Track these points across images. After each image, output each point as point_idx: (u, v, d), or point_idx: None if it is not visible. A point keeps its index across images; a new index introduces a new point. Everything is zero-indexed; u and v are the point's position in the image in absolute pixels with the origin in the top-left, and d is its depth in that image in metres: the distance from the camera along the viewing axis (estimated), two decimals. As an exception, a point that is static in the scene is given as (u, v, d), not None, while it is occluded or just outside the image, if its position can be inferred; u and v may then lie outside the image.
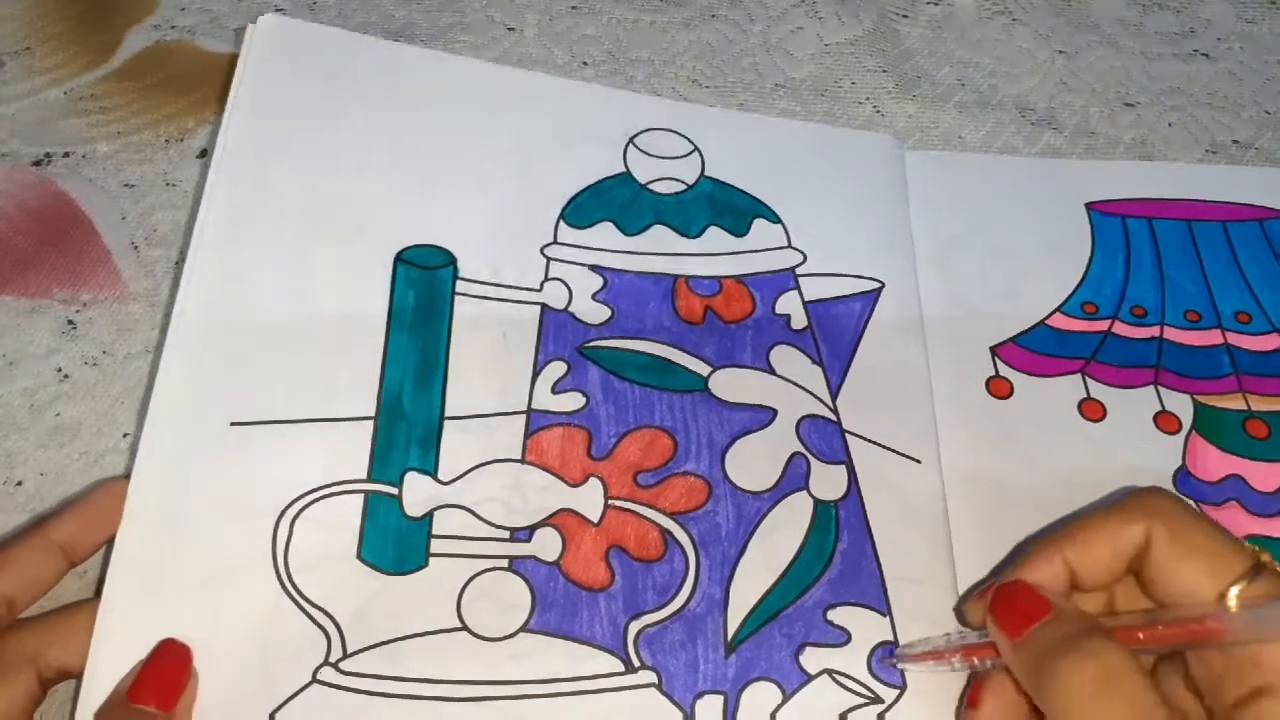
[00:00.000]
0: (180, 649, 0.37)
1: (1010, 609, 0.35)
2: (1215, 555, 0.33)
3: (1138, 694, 0.30)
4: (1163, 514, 0.34)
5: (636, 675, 0.39)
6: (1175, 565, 0.33)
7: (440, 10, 0.60)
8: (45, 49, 0.57)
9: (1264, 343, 0.50)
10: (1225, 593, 0.32)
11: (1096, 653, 0.31)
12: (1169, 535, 0.33)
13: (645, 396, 0.45)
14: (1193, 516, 0.34)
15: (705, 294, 0.48)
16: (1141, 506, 0.35)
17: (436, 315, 0.45)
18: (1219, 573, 0.32)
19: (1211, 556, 0.33)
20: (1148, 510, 0.34)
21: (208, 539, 0.39)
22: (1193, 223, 0.54)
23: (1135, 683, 0.31)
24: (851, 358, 0.47)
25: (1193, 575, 0.33)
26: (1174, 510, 0.34)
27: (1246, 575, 0.32)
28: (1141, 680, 0.31)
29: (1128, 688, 0.31)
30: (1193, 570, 0.33)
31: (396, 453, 0.42)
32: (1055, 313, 0.51)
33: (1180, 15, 0.65)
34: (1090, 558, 0.35)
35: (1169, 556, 0.33)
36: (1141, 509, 0.35)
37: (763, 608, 0.41)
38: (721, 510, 0.43)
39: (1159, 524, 0.34)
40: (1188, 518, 0.34)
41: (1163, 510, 0.34)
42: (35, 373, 0.46)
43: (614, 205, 0.50)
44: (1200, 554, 0.33)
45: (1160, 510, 0.34)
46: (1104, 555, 0.35)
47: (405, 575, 0.40)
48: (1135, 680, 0.31)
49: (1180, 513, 0.34)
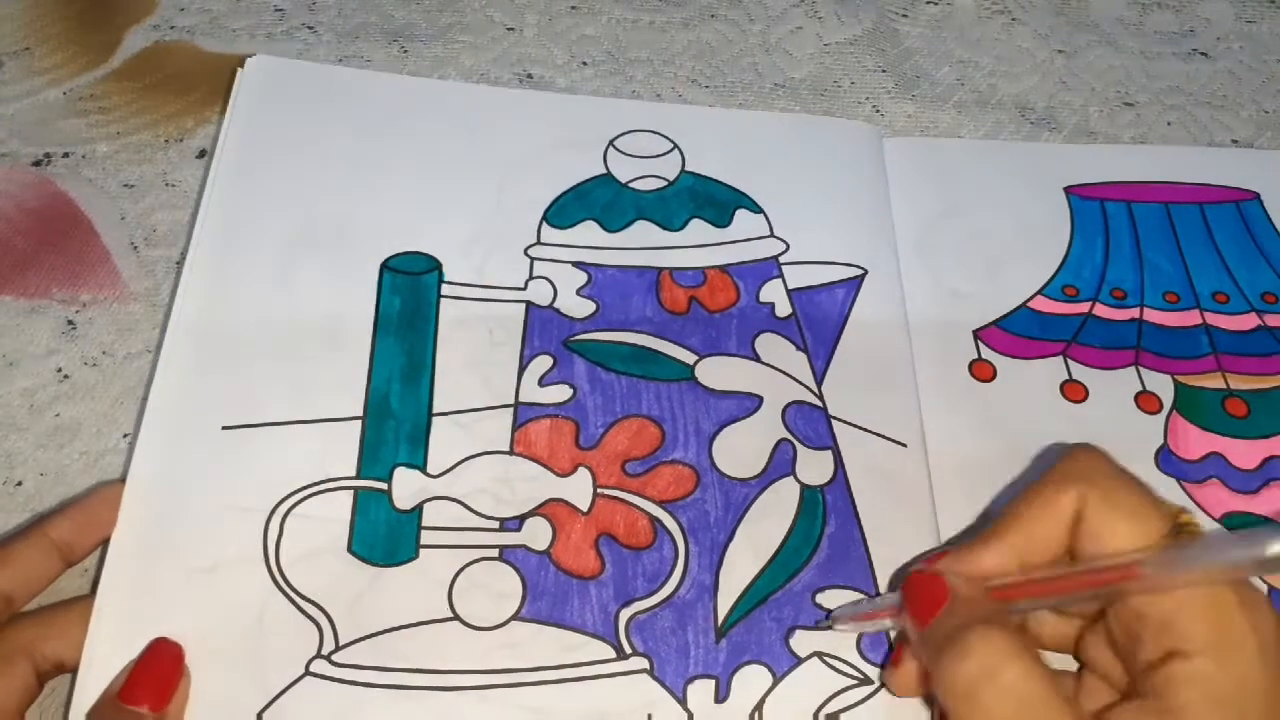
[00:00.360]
0: (171, 648, 0.37)
1: (917, 597, 0.35)
2: (1140, 515, 0.33)
3: (1018, 684, 0.30)
4: (1092, 477, 0.34)
5: (628, 661, 0.39)
6: (1104, 526, 0.33)
7: (440, 10, 0.60)
8: (45, 49, 0.57)
9: (1241, 322, 0.50)
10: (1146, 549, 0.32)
11: (973, 649, 0.31)
12: (1099, 497, 0.33)
13: (632, 386, 0.46)
14: (1119, 475, 0.34)
15: (689, 285, 0.48)
16: (1072, 472, 0.34)
17: (422, 319, 0.46)
18: (1142, 531, 0.32)
19: (1137, 516, 0.33)
20: (1078, 474, 0.34)
21: (200, 536, 0.40)
22: (1170, 205, 0.54)
23: (1016, 672, 0.30)
24: (835, 344, 0.48)
25: (1119, 535, 0.33)
26: (1103, 471, 0.34)
27: (1168, 535, 0.32)
28: (1023, 668, 0.30)
29: (1007, 679, 0.30)
30: (1120, 531, 0.33)
31: (385, 450, 0.42)
32: (1036, 296, 0.51)
33: (1179, 15, 0.65)
34: (1033, 534, 0.35)
35: (1098, 518, 0.33)
36: (1072, 474, 0.34)
37: (752, 592, 0.41)
38: (710, 497, 0.43)
39: (1089, 486, 0.34)
40: (1116, 478, 0.34)
41: (1092, 472, 0.34)
42: (35, 373, 0.46)
43: (596, 205, 0.50)
44: (1127, 514, 0.33)
45: (1089, 472, 0.34)
46: (1046, 527, 0.34)
47: (396, 567, 0.40)
48: (1016, 669, 0.30)
49: (1109, 473, 0.34)
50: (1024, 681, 0.30)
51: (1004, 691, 0.30)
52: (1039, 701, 0.30)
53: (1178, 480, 0.46)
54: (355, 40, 0.58)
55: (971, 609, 0.33)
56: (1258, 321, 0.50)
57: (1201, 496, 0.45)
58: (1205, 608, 0.31)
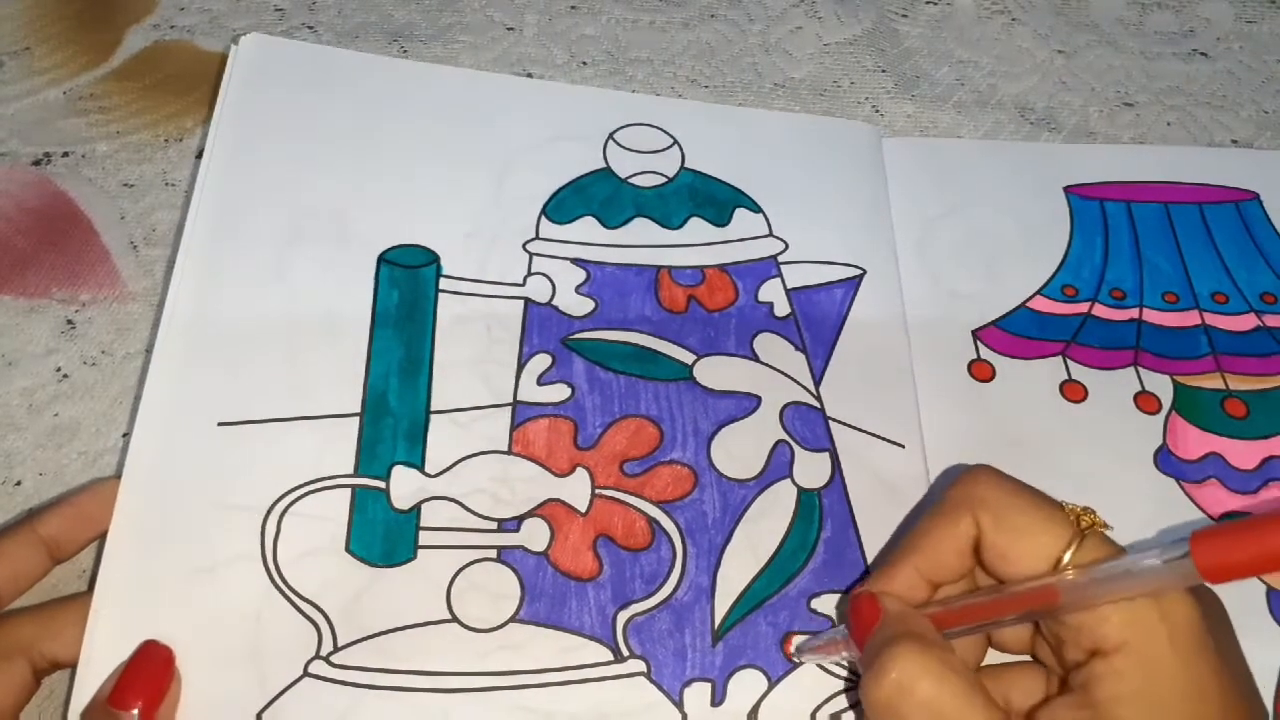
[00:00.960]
0: (161, 651, 0.37)
1: (856, 619, 0.36)
2: (1039, 531, 0.33)
3: (933, 698, 0.31)
4: (983, 501, 0.34)
5: (625, 664, 0.39)
6: (1005, 550, 0.34)
7: (440, 10, 0.60)
8: (45, 49, 0.57)
9: (1240, 323, 0.50)
10: (1059, 561, 0.33)
11: (890, 665, 0.32)
12: (993, 522, 0.34)
13: (630, 386, 0.46)
14: (1012, 495, 0.34)
15: (688, 284, 0.48)
16: (963, 499, 0.35)
17: (420, 313, 0.46)
18: (1047, 546, 0.33)
19: (1035, 534, 0.33)
20: (969, 501, 0.35)
21: (197, 535, 0.40)
22: (1170, 205, 0.54)
23: (929, 685, 0.31)
24: (834, 344, 0.48)
25: (1024, 556, 0.33)
26: (992, 494, 0.35)
27: (1073, 541, 0.33)
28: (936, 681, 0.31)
29: (921, 693, 0.31)
30: (1022, 551, 0.33)
31: (383, 447, 0.42)
32: (1035, 296, 0.51)
33: (1179, 15, 0.65)
34: (937, 562, 0.35)
35: (998, 543, 0.34)
36: (963, 501, 0.35)
37: (748, 596, 0.41)
38: (708, 498, 0.43)
39: (982, 513, 0.34)
40: (1007, 498, 0.34)
41: (981, 497, 0.35)
42: (34, 372, 0.46)
43: (595, 200, 0.50)
44: (1024, 534, 0.33)
45: (979, 498, 0.35)
46: (947, 556, 0.35)
47: (394, 567, 0.40)
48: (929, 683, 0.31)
49: (999, 494, 0.35)
50: (938, 694, 0.31)
51: (919, 705, 0.31)
52: (953, 711, 0.31)
53: (1177, 480, 0.46)
54: (355, 40, 0.58)
55: (900, 626, 0.34)
56: (1257, 322, 0.50)
57: (1200, 497, 0.45)
58: (1117, 606, 0.31)
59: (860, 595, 0.36)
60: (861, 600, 0.36)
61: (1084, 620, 0.32)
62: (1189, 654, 0.31)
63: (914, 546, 0.36)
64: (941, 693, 0.31)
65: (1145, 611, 0.31)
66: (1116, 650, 0.31)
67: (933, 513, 0.36)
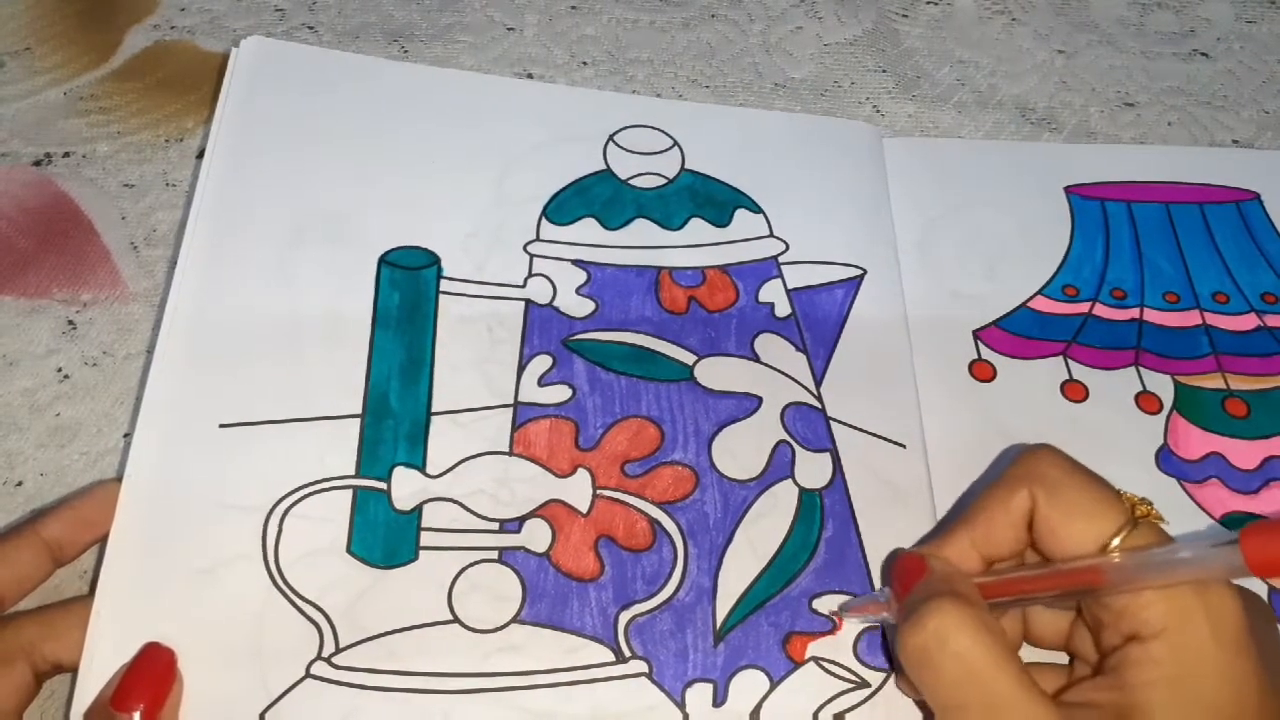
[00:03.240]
0: (163, 653, 0.37)
1: (898, 575, 0.36)
2: (1092, 512, 0.34)
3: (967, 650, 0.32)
4: (1041, 477, 0.35)
5: (627, 665, 0.39)
6: (1057, 526, 0.34)
7: (440, 10, 0.60)
8: (45, 49, 0.57)
9: (1241, 323, 0.50)
10: (1107, 545, 0.33)
11: (928, 617, 0.32)
12: (1048, 498, 0.34)
13: (631, 387, 0.46)
14: (1070, 475, 0.35)
15: (688, 285, 0.48)
16: (1022, 474, 0.35)
17: (421, 315, 0.46)
18: (1098, 528, 0.33)
19: (1089, 514, 0.34)
20: (1028, 476, 0.35)
21: (199, 537, 0.40)
22: (1170, 205, 0.54)
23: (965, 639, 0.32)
24: (835, 344, 0.48)
25: (1074, 534, 0.34)
26: (1052, 471, 0.35)
27: (1125, 527, 0.33)
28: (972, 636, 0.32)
29: (957, 645, 0.32)
30: (1073, 530, 0.34)
31: (384, 449, 0.42)
32: (1036, 296, 0.51)
33: (1180, 15, 0.65)
34: (990, 534, 0.36)
35: (1050, 519, 0.34)
36: (1022, 476, 0.35)
37: (750, 597, 0.41)
38: (709, 499, 0.43)
39: (1039, 488, 0.35)
40: (1066, 477, 0.35)
41: (1041, 473, 0.35)
42: (35, 373, 0.46)
43: (595, 201, 0.50)
44: (1078, 513, 0.34)
45: (1039, 474, 0.35)
46: (1002, 529, 0.36)
47: (396, 569, 0.40)
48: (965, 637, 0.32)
49: (1059, 473, 0.35)
50: (972, 648, 0.32)
51: (953, 656, 0.32)
52: (985, 666, 0.32)
53: (1178, 480, 0.46)
54: (355, 40, 0.58)
55: (944, 584, 0.34)
56: (1258, 322, 0.50)
57: (1201, 497, 0.45)
58: (1160, 595, 0.32)
59: (907, 554, 0.37)
60: (908, 559, 0.36)
61: (1126, 604, 0.32)
62: (1230, 649, 0.31)
63: (969, 518, 0.37)
64: (975, 647, 0.32)
65: (1189, 601, 0.31)
66: (1155, 636, 0.31)
67: (991, 486, 0.36)
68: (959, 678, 0.32)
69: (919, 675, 0.33)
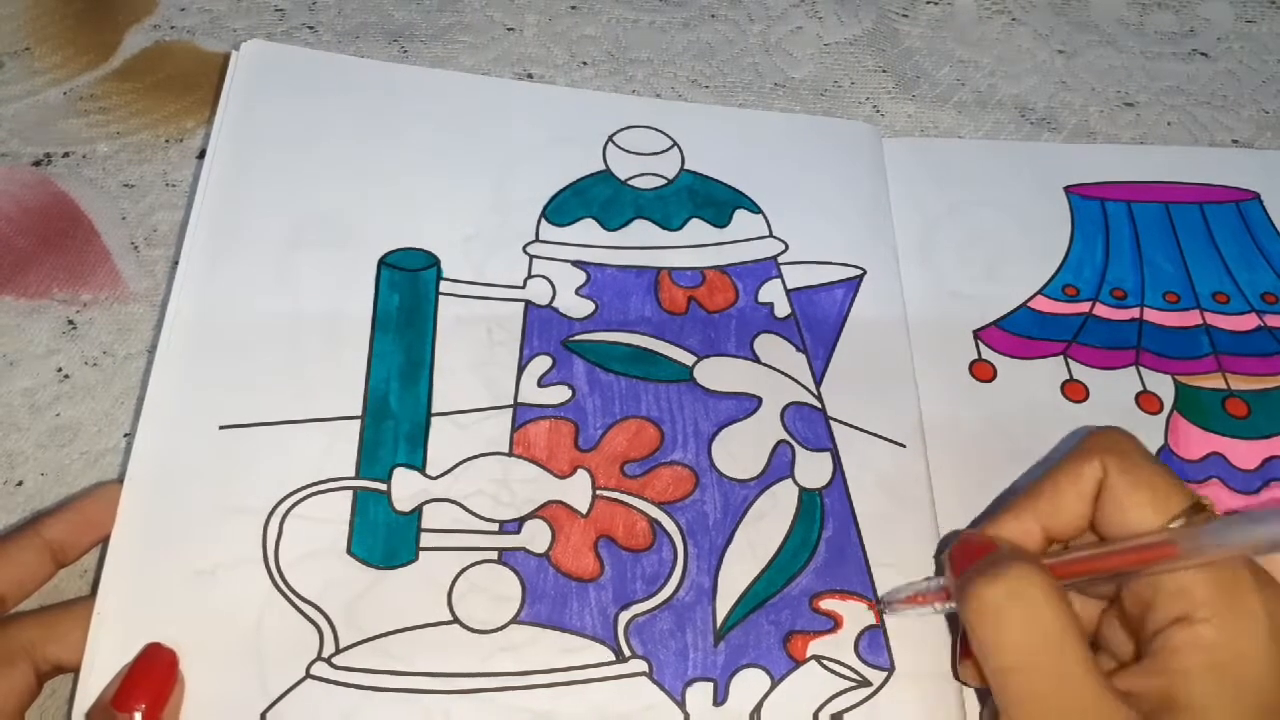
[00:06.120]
0: (165, 653, 0.37)
1: (962, 554, 0.36)
2: (1161, 490, 0.34)
3: (1042, 611, 0.31)
4: (1115, 449, 0.35)
5: (627, 665, 0.39)
6: (1124, 497, 0.34)
7: (440, 10, 0.60)
8: (45, 49, 0.57)
9: (1241, 322, 0.50)
10: (1168, 524, 0.33)
11: (1005, 572, 0.32)
12: (1120, 469, 0.34)
13: (631, 387, 0.46)
14: (1143, 453, 0.35)
15: (688, 285, 0.48)
16: (1096, 445, 0.36)
17: (421, 316, 0.46)
18: (1163, 506, 0.33)
19: (1157, 490, 0.34)
20: (1102, 447, 0.35)
21: (199, 538, 0.40)
22: (1170, 205, 0.54)
23: (1042, 599, 0.31)
24: (835, 344, 0.48)
25: (1139, 507, 0.34)
26: (1126, 446, 0.35)
27: (1187, 513, 0.33)
28: (1046, 596, 0.32)
29: (1033, 603, 0.31)
30: (1139, 502, 0.34)
31: (384, 450, 0.42)
32: (1036, 295, 0.51)
33: (1180, 15, 0.65)
34: (1057, 505, 0.36)
35: (1119, 489, 0.34)
36: (1096, 447, 0.36)
37: (750, 596, 0.41)
38: (709, 499, 0.43)
39: (1112, 458, 0.35)
40: (1139, 454, 0.35)
41: (1115, 446, 0.35)
42: (35, 373, 0.46)
43: (595, 202, 0.50)
44: (1147, 487, 0.34)
45: (1113, 446, 0.35)
46: (1070, 499, 0.36)
47: (396, 569, 0.40)
48: (1039, 595, 0.32)
49: (1132, 448, 0.35)
50: (1044, 609, 0.31)
51: (1025, 615, 0.31)
52: (1062, 633, 0.31)
53: (1178, 480, 0.46)
54: (355, 40, 0.58)
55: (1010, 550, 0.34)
56: (1258, 322, 0.50)
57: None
58: (1221, 578, 0.31)
59: (971, 535, 0.36)
60: (972, 538, 0.36)
61: (1180, 583, 0.32)
62: None
63: (1037, 491, 0.36)
64: (1048, 610, 0.31)
65: (1245, 585, 0.31)
66: (1207, 620, 0.31)
67: (1061, 460, 0.36)
68: (1033, 640, 0.31)
69: (989, 632, 0.32)
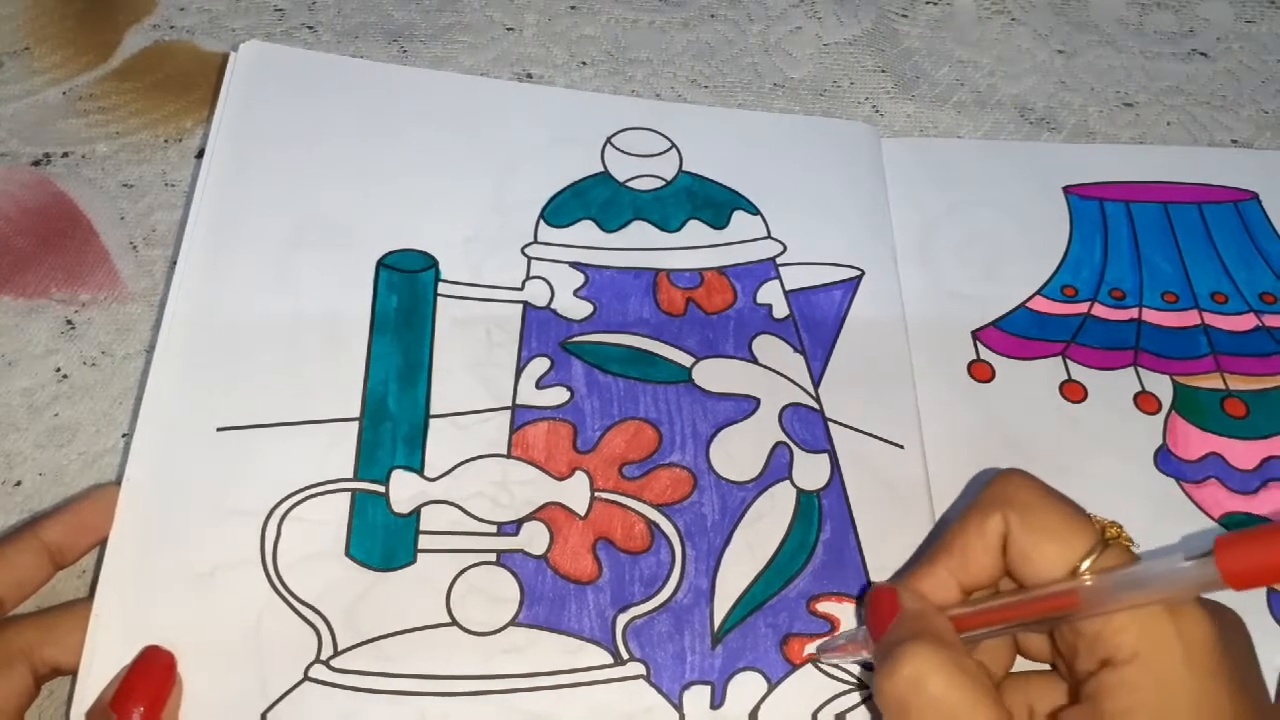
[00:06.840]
0: (163, 656, 0.37)
1: (874, 612, 0.36)
2: (1063, 534, 0.33)
3: (943, 694, 0.32)
4: (1013, 501, 0.35)
5: (625, 667, 0.39)
6: (1029, 549, 0.34)
7: (439, 10, 0.60)
8: (44, 49, 0.57)
9: (1240, 323, 0.50)
10: (1077, 567, 0.33)
11: (903, 661, 0.32)
12: (1020, 520, 0.34)
13: (629, 389, 0.46)
14: (1041, 498, 0.35)
15: (686, 286, 0.48)
16: (995, 498, 0.35)
17: (419, 317, 0.46)
18: (1068, 551, 0.33)
19: (1059, 536, 0.33)
20: (1000, 500, 0.35)
21: (197, 540, 0.40)
22: (1169, 205, 0.54)
23: (941, 682, 0.32)
24: (833, 345, 0.48)
25: (1045, 557, 0.34)
26: (1024, 495, 0.35)
27: (1095, 549, 0.33)
28: (948, 678, 0.32)
29: (933, 689, 0.32)
30: (1045, 552, 0.34)
31: (382, 452, 0.42)
32: (1035, 296, 0.51)
33: (1179, 15, 0.65)
34: (966, 559, 0.36)
35: (1022, 542, 0.34)
36: (996, 500, 0.35)
37: (747, 599, 0.41)
38: (707, 501, 0.43)
39: (1011, 511, 0.34)
40: (1037, 500, 0.35)
41: (1013, 497, 0.35)
42: (34, 373, 0.46)
43: (593, 204, 0.50)
44: (1049, 535, 0.34)
45: (1010, 497, 0.35)
46: (977, 553, 0.35)
47: (394, 571, 0.40)
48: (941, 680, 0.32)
49: (1029, 496, 0.35)
50: (948, 692, 0.32)
51: (930, 702, 0.32)
52: (963, 712, 0.31)
53: (1176, 480, 0.46)
54: (355, 40, 0.58)
55: (917, 623, 0.34)
56: (1256, 322, 0.50)
57: (1200, 497, 0.45)
58: (1133, 619, 0.31)
59: (880, 590, 0.36)
60: (880, 595, 0.36)
61: (1100, 629, 0.32)
62: (1204, 673, 0.31)
63: (944, 545, 0.36)
64: (951, 692, 0.32)
65: (1161, 626, 0.31)
66: (1129, 662, 0.31)
67: (965, 512, 0.36)
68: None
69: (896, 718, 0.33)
